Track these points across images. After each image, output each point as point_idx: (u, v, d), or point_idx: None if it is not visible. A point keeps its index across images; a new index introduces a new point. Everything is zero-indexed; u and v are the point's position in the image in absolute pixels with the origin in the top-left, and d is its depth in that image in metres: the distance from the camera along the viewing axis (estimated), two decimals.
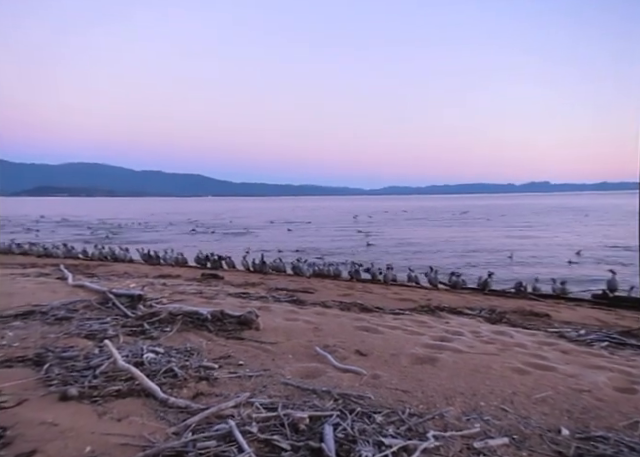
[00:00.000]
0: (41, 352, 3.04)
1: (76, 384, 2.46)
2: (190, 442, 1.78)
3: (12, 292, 5.34)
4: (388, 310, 5.34)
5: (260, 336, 3.75)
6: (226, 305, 4.94)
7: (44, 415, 2.04)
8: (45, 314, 4.22)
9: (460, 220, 34.91)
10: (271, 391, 2.53)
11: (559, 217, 37.49)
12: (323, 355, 3.20)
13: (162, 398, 2.32)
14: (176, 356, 3.09)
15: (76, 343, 3.34)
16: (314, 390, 2.50)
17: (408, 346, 3.45)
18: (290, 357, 3.24)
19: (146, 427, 2.02)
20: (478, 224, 31.64)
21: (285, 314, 4.77)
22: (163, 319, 4.10)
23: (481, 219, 36.38)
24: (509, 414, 2.25)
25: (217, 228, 27.99)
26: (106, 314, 4.35)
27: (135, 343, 3.35)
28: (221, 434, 1.86)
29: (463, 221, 33.92)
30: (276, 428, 1.97)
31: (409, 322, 4.53)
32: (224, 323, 4.09)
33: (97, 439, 1.86)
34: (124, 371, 2.64)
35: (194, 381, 2.66)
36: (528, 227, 27.86)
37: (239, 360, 3.12)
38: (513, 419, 2.19)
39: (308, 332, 3.98)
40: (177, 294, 5.86)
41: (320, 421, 2.03)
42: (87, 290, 5.76)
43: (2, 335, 3.48)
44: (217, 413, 2.15)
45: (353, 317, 4.75)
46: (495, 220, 34.80)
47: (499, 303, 6.41)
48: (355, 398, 2.37)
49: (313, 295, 6.62)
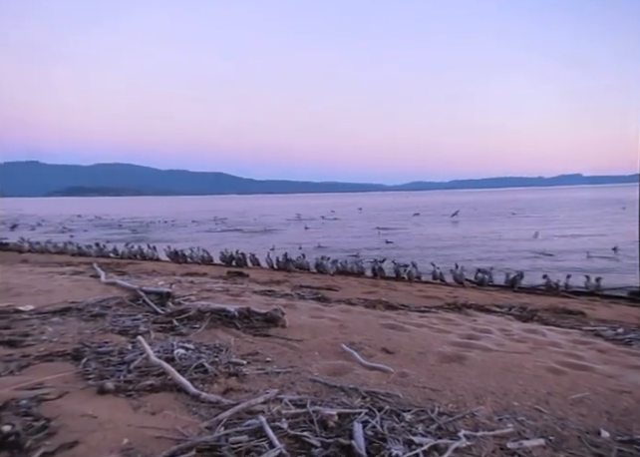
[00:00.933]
0: (79, 347, 3.17)
1: (112, 378, 2.55)
2: (223, 436, 1.82)
3: (50, 289, 5.58)
4: (414, 308, 5.29)
5: (286, 333, 3.79)
6: (252, 302, 5.01)
7: (84, 407, 2.13)
8: (81, 311, 4.39)
9: (481, 216, 33.97)
10: (299, 388, 2.55)
11: (594, 210, 35.91)
12: (349, 352, 3.20)
13: (194, 393, 2.38)
14: (206, 352, 3.15)
15: (110, 339, 3.46)
16: (342, 387, 2.50)
17: (435, 344, 3.40)
18: (316, 354, 3.26)
19: (179, 421, 2.08)
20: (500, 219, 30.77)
21: (310, 311, 4.80)
22: (192, 316, 4.20)
23: (503, 214, 35.29)
24: (544, 415, 2.18)
25: (240, 226, 28.39)
26: (137, 311, 4.48)
27: (165, 339, 3.44)
28: (252, 429, 1.89)
29: (486, 217, 33.01)
30: (305, 424, 1.99)
31: (435, 320, 4.47)
32: (251, 320, 4.14)
33: (133, 431, 1.92)
34: (156, 366, 2.72)
35: (224, 377, 2.71)
36: (558, 221, 26.89)
37: (267, 357, 3.16)
38: (549, 420, 2.12)
39: (334, 329, 3.99)
40: (204, 292, 5.98)
41: (349, 418, 2.03)
42: (119, 287, 5.95)
43: (42, 330, 3.64)
44: (247, 409, 2.18)
45: (378, 314, 4.72)
46: (520, 215, 33.73)
47: (530, 300, 6.23)
48: (383, 396, 2.36)
49: (337, 293, 6.63)
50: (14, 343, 3.24)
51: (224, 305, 4.43)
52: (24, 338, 3.37)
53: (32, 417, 1.97)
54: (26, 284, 5.97)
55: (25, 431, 1.82)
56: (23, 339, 3.34)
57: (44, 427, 1.88)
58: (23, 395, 2.21)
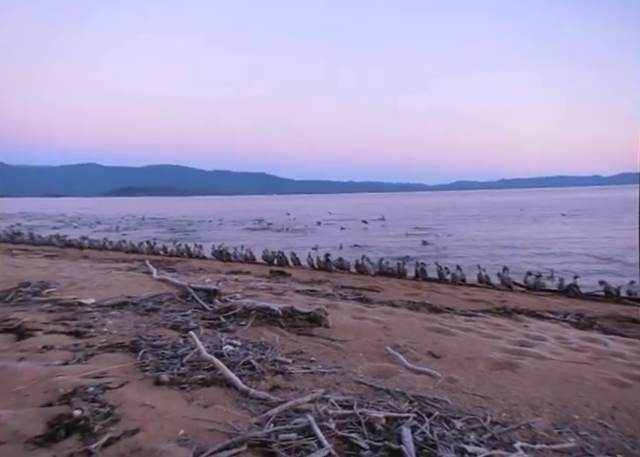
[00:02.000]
0: (135, 340, 3.35)
1: (167, 371, 2.68)
2: (273, 433, 1.86)
3: (109, 284, 5.96)
4: (459, 311, 5.13)
5: (330, 333, 3.80)
6: (295, 302, 5.07)
7: (143, 397, 2.25)
8: (136, 305, 4.63)
9: (527, 217, 32.11)
10: (344, 389, 2.55)
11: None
12: (394, 355, 3.16)
13: (243, 389, 2.45)
14: (252, 349, 3.23)
15: (163, 333, 3.63)
16: (388, 390, 2.48)
17: (484, 350, 3.28)
18: (361, 356, 3.25)
19: (230, 415, 2.15)
20: (549, 220, 28.96)
21: (353, 312, 4.79)
22: (238, 313, 4.31)
23: (553, 215, 33.19)
24: (610, 431, 2.04)
25: (280, 226, 28.84)
26: (187, 307, 4.66)
27: (214, 335, 3.55)
28: (300, 428, 1.92)
29: (533, 218, 31.19)
30: (353, 426, 1.99)
31: (483, 324, 4.31)
32: (294, 319, 4.19)
33: (188, 423, 2.01)
34: (207, 361, 2.82)
35: (270, 374, 2.77)
36: (616, 222, 24.93)
37: (311, 356, 3.19)
38: (616, 437, 1.98)
39: (377, 331, 3.96)
40: (249, 290, 6.13)
41: (396, 422, 2.01)
42: (169, 284, 6.24)
43: (103, 323, 3.89)
44: (294, 407, 2.21)
45: (423, 317, 4.63)
46: (571, 215, 31.59)
47: (587, 307, 5.84)
48: (431, 401, 2.31)
49: (379, 294, 6.57)
50: (80, 334, 3.48)
51: (268, 304, 4.51)
52: (88, 330, 3.62)
53: (98, 404, 2.11)
54: (87, 279, 6.41)
55: (93, 416, 1.96)
56: (87, 330, 3.59)
57: (109, 414, 2.02)
58: (89, 383, 2.38)
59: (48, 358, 2.85)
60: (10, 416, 1.90)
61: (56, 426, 1.86)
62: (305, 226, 28.48)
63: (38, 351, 3.00)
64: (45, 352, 2.99)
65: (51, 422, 1.90)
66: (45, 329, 3.55)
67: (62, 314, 4.15)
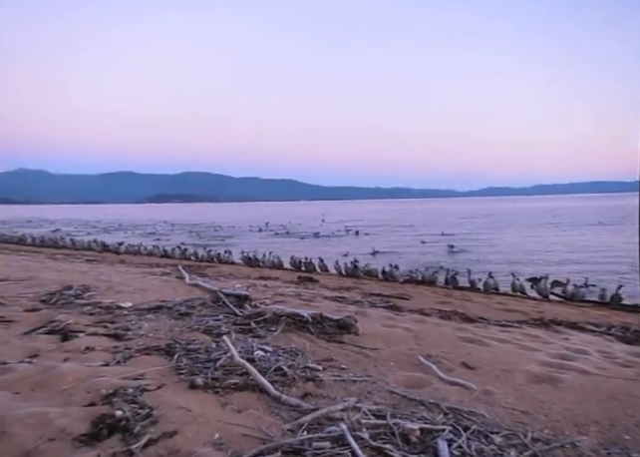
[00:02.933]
0: (170, 343, 3.44)
1: (201, 375, 2.73)
2: (306, 441, 1.86)
3: (144, 288, 6.17)
4: (493, 321, 4.97)
5: (360, 341, 3.78)
6: (324, 308, 5.07)
7: (179, 400, 2.31)
8: (170, 309, 4.76)
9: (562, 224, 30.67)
10: (376, 398, 2.52)
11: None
12: (427, 365, 3.10)
13: (275, 395, 2.47)
14: (283, 355, 3.25)
15: (197, 337, 3.71)
16: (421, 401, 2.43)
17: (522, 362, 3.16)
18: (392, 365, 3.20)
19: (263, 421, 2.17)
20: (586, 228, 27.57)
21: (382, 320, 4.74)
22: (268, 319, 4.35)
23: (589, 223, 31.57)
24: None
25: (307, 232, 28.99)
26: (218, 312, 4.74)
27: (245, 340, 3.60)
28: (334, 436, 1.91)
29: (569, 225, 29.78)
30: (386, 437, 1.96)
31: (520, 336, 4.16)
32: (324, 326, 4.19)
33: (223, 427, 2.04)
34: (239, 366, 2.86)
35: (302, 381, 2.77)
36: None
37: (341, 364, 3.17)
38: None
39: (408, 340, 3.89)
40: (278, 295, 6.18)
41: (432, 435, 1.96)
42: (201, 289, 6.38)
43: (140, 326, 4.02)
44: (327, 415, 2.21)
45: (455, 327, 4.51)
46: (608, 223, 29.95)
47: (633, 320, 5.52)
48: (467, 414, 2.24)
49: (409, 302, 6.47)
50: (118, 336, 3.62)
51: (298, 310, 4.53)
52: (126, 332, 3.75)
53: (137, 405, 2.18)
54: (124, 283, 6.66)
55: (133, 417, 2.03)
56: (125, 333, 3.72)
57: (148, 415, 2.08)
58: (129, 384, 2.46)
59: (90, 359, 2.98)
60: (57, 414, 2.00)
61: (99, 425, 1.93)
62: (332, 232, 28.51)
63: (81, 352, 3.14)
64: (87, 353, 3.13)
65: (95, 421, 1.97)
66: (87, 331, 3.71)
67: (102, 317, 4.32)
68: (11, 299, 4.88)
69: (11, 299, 4.88)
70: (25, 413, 1.98)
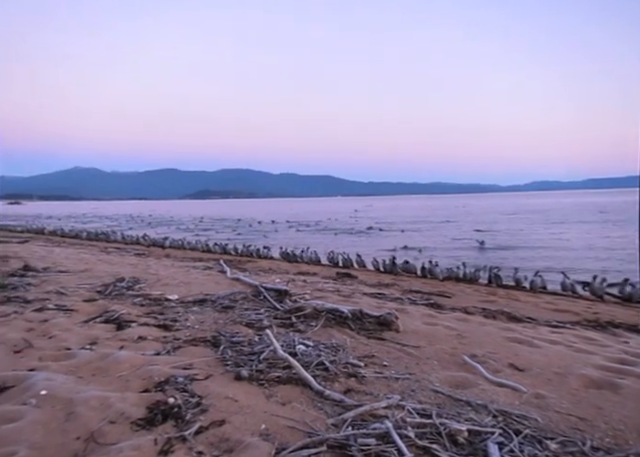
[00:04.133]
0: (216, 335, 3.56)
1: (245, 367, 2.81)
2: (351, 436, 1.86)
3: (189, 282, 6.42)
4: (543, 321, 4.73)
5: (401, 338, 3.73)
6: (363, 304, 5.05)
7: (226, 390, 2.39)
8: (214, 302, 4.92)
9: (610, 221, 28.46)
10: (420, 397, 2.48)
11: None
12: (473, 365, 3.01)
13: (318, 389, 2.49)
14: (324, 350, 3.26)
15: (240, 330, 3.81)
16: (468, 402, 2.36)
17: (576, 366, 2.98)
18: (435, 363, 3.14)
19: (307, 414, 2.19)
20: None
21: (423, 318, 4.65)
22: (308, 314, 4.39)
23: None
24: None
25: (342, 228, 28.94)
26: (259, 306, 4.85)
27: (286, 334, 3.66)
28: (379, 433, 1.90)
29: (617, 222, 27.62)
30: (432, 437, 1.92)
31: (573, 337, 3.93)
32: (363, 322, 4.17)
33: (268, 419, 2.09)
34: (282, 360, 2.91)
35: (344, 377, 2.78)
36: None
37: (383, 361, 3.15)
38: None
39: (451, 339, 3.80)
40: (317, 291, 6.22)
41: (480, 437, 1.91)
42: (242, 283, 6.55)
43: (186, 318, 4.20)
44: (370, 411, 2.20)
45: (501, 326, 4.35)
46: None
47: None
48: (517, 417, 2.15)
49: (451, 299, 6.30)
50: (167, 327, 3.79)
51: (337, 306, 4.54)
52: (174, 323, 3.92)
53: (188, 394, 2.28)
54: (170, 276, 6.97)
55: (185, 405, 2.12)
56: (173, 324, 3.90)
57: (198, 404, 2.17)
58: (179, 373, 2.58)
59: (142, 348, 3.14)
60: (117, 399, 2.13)
61: (154, 411, 2.04)
62: (365, 228, 28.30)
63: (134, 341, 3.32)
64: (140, 342, 3.30)
65: (150, 407, 2.09)
66: (138, 321, 3.92)
67: (151, 308, 4.54)
68: (71, 290, 5.24)
69: (71, 290, 5.24)
70: (88, 396, 2.13)
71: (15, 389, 2.25)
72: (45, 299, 4.68)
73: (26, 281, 5.74)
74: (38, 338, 3.27)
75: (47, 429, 1.83)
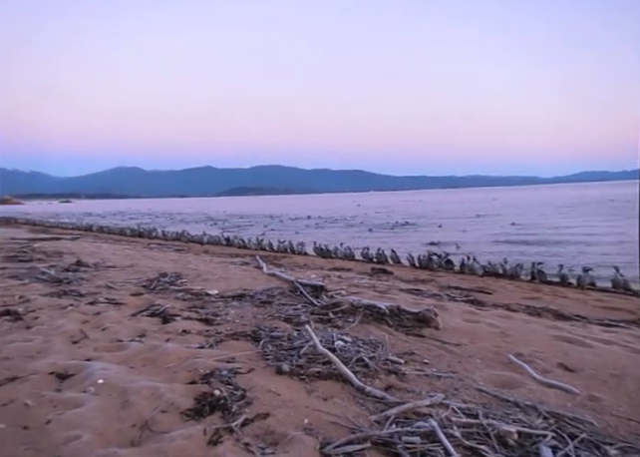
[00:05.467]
0: (255, 330, 3.63)
1: (286, 361, 2.85)
2: (396, 434, 1.85)
3: (227, 277, 6.59)
4: (594, 320, 4.48)
5: (441, 335, 3.65)
6: (400, 300, 4.97)
7: (268, 384, 2.44)
8: (252, 297, 5.01)
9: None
10: (465, 396, 2.42)
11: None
12: (519, 364, 2.90)
13: (359, 385, 2.49)
14: (363, 347, 3.25)
15: (278, 325, 3.86)
16: (516, 402, 2.28)
17: (634, 367, 2.80)
18: (478, 362, 3.05)
19: (349, 410, 2.20)
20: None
21: (463, 314, 4.53)
22: (345, 310, 4.38)
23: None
24: None
25: (378, 222, 28.65)
26: (296, 301, 4.88)
27: (324, 330, 3.67)
28: (424, 432, 1.87)
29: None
30: (480, 437, 1.87)
31: (629, 337, 3.69)
32: (402, 319, 4.11)
33: (311, 413, 2.12)
34: (322, 355, 2.93)
35: (384, 373, 2.76)
36: None
37: (424, 358, 3.10)
38: None
39: (494, 336, 3.68)
40: (352, 287, 6.20)
41: (531, 439, 1.84)
42: (278, 278, 6.63)
43: (227, 312, 4.30)
44: (413, 409, 2.17)
45: (547, 324, 4.16)
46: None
47: None
48: (571, 420, 2.05)
49: (492, 296, 6.09)
50: (209, 321, 3.91)
51: (374, 302, 4.50)
52: (215, 318, 4.04)
53: (232, 386, 2.35)
54: (210, 271, 7.18)
55: (230, 397, 2.19)
56: (214, 318, 4.02)
57: (242, 396, 2.23)
58: (223, 366, 2.66)
59: (187, 341, 3.26)
60: (166, 389, 2.23)
61: (202, 402, 2.12)
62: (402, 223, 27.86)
63: (179, 334, 3.46)
64: (184, 336, 3.43)
65: (197, 398, 2.17)
66: (182, 315, 4.07)
67: (193, 303, 4.70)
68: (119, 284, 5.53)
69: (119, 284, 5.53)
70: (140, 386, 2.24)
71: (75, 377, 2.41)
72: (96, 293, 4.97)
73: (79, 276, 6.12)
74: (92, 330, 3.48)
75: (106, 416, 1.94)
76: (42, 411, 1.98)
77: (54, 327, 3.51)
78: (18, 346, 2.96)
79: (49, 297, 4.73)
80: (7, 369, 2.50)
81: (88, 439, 1.73)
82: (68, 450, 1.65)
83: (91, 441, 1.73)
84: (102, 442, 1.75)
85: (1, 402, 2.08)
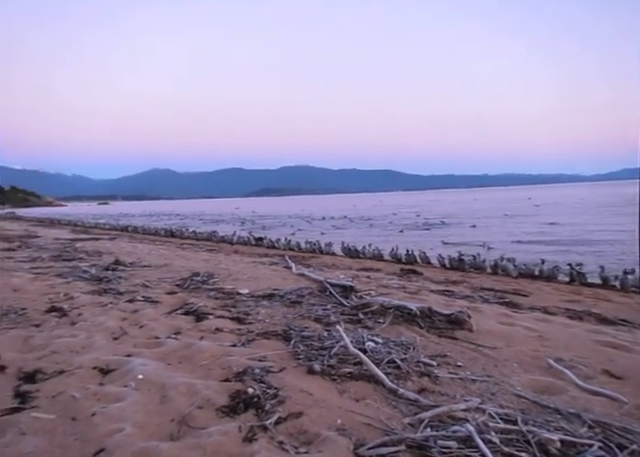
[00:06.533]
0: (286, 329, 3.66)
1: (317, 361, 2.86)
2: (431, 438, 1.82)
3: (257, 276, 6.68)
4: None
5: (475, 338, 3.56)
6: (431, 302, 4.88)
7: (300, 383, 2.45)
8: (282, 297, 5.05)
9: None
10: (502, 401, 2.35)
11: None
12: (559, 370, 2.78)
13: (391, 387, 2.46)
14: (394, 348, 3.21)
15: (308, 324, 3.87)
16: (557, 409, 2.19)
17: None
18: (515, 366, 2.95)
19: (381, 412, 2.18)
20: None
21: (498, 317, 4.39)
22: (375, 311, 4.34)
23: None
24: None
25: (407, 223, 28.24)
26: (326, 301, 4.88)
27: (354, 331, 3.65)
28: (460, 437, 1.83)
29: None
30: (520, 444, 1.81)
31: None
32: (433, 320, 4.03)
33: (344, 414, 2.11)
34: (353, 356, 2.92)
35: (416, 376, 2.72)
36: None
37: (457, 361, 3.03)
38: None
39: (531, 340, 3.54)
40: (382, 287, 6.13)
41: (576, 449, 1.76)
42: (307, 278, 6.65)
43: (257, 311, 4.36)
44: (448, 413, 2.13)
45: (589, 329, 3.96)
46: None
47: None
48: (619, 430, 1.95)
49: (528, 298, 5.88)
50: (240, 320, 3.98)
51: (405, 303, 4.44)
52: (246, 317, 4.11)
53: (265, 385, 2.38)
54: (240, 271, 7.31)
55: (263, 396, 2.22)
56: (246, 317, 4.08)
57: (275, 395, 2.25)
58: (255, 365, 2.70)
59: (220, 339, 3.33)
60: (202, 386, 2.29)
61: (236, 400, 2.16)
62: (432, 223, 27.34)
63: (212, 332, 3.54)
64: (217, 334, 3.51)
65: (232, 396, 2.21)
66: (215, 314, 4.16)
67: (225, 302, 4.80)
68: (154, 283, 5.73)
69: (154, 283, 5.73)
70: (178, 382, 2.31)
71: (117, 372, 2.52)
72: (134, 291, 5.17)
73: (117, 275, 6.38)
74: (131, 327, 3.62)
75: (146, 410, 2.02)
76: (88, 404, 2.08)
77: (96, 324, 3.68)
78: (65, 341, 3.13)
79: (91, 295, 4.96)
80: (56, 363, 2.64)
81: (130, 432, 1.81)
82: (112, 442, 1.73)
83: (133, 434, 1.80)
84: (143, 435, 1.82)
85: (51, 394, 2.20)
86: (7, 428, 1.87)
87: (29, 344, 3.11)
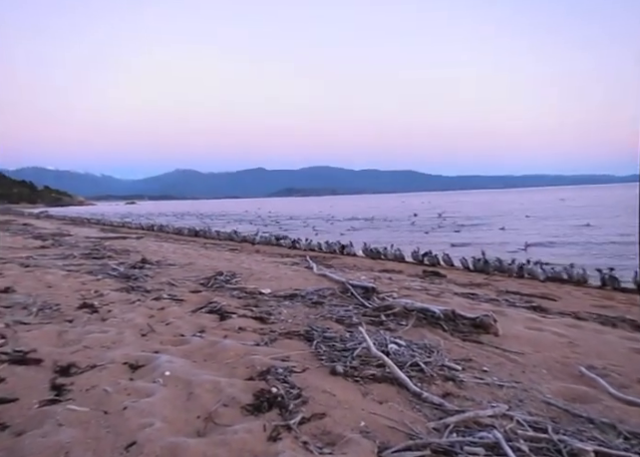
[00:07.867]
0: (308, 330, 3.66)
1: (339, 362, 2.86)
2: (457, 443, 1.79)
3: (279, 276, 6.73)
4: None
5: (501, 343, 3.48)
6: (454, 305, 4.80)
7: (323, 384, 2.45)
8: (304, 297, 5.05)
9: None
10: (530, 408, 2.29)
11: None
12: (591, 377, 2.68)
13: (415, 391, 2.44)
14: (417, 351, 3.17)
15: (330, 325, 3.86)
16: (590, 419, 2.11)
17: None
18: (544, 372, 2.87)
19: (405, 415, 2.16)
20: None
21: (525, 322, 4.28)
22: (397, 313, 4.30)
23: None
24: None
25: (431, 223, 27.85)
26: (347, 302, 4.85)
27: (377, 332, 3.62)
28: (487, 443, 1.79)
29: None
30: (550, 453, 1.76)
31: None
32: (457, 324, 3.96)
33: (367, 416, 2.10)
34: (375, 358, 2.90)
35: (441, 380, 2.68)
36: None
37: (482, 366, 2.97)
38: None
39: (560, 346, 3.44)
40: (404, 289, 6.06)
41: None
42: (329, 279, 6.64)
43: (280, 311, 4.39)
44: (474, 418, 2.09)
45: (624, 336, 3.81)
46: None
47: None
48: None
49: (557, 303, 5.70)
50: (263, 320, 4.02)
51: (428, 305, 4.37)
52: (269, 316, 4.14)
53: (288, 385, 2.39)
54: (262, 271, 7.37)
55: (287, 395, 2.23)
56: (268, 317, 4.11)
57: (298, 395, 2.27)
58: (278, 364, 2.72)
59: (243, 338, 3.37)
60: (226, 384, 2.32)
61: (260, 398, 2.19)
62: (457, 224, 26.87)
63: (235, 331, 3.58)
64: (240, 333, 3.55)
65: (256, 394, 2.24)
66: (238, 313, 4.21)
67: (247, 301, 4.85)
68: (179, 282, 5.86)
69: (179, 282, 5.86)
70: (203, 379, 2.36)
71: (145, 368, 2.60)
72: (160, 289, 5.30)
73: (144, 273, 6.56)
74: (158, 324, 3.71)
75: (173, 406, 2.07)
76: (119, 398, 2.15)
77: (125, 320, 3.80)
78: (96, 337, 3.24)
79: (119, 292, 5.12)
80: (88, 357, 2.75)
81: (159, 427, 1.86)
82: (143, 436, 1.78)
83: (162, 429, 1.85)
84: (171, 431, 1.86)
85: (85, 387, 2.29)
86: (45, 419, 1.95)
87: (63, 339, 3.24)
